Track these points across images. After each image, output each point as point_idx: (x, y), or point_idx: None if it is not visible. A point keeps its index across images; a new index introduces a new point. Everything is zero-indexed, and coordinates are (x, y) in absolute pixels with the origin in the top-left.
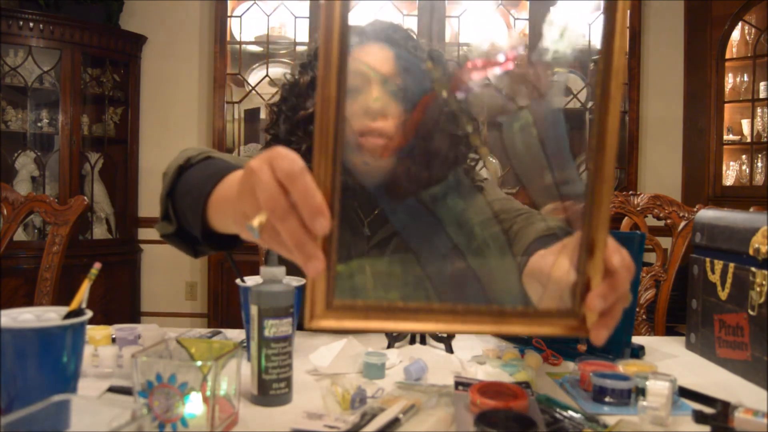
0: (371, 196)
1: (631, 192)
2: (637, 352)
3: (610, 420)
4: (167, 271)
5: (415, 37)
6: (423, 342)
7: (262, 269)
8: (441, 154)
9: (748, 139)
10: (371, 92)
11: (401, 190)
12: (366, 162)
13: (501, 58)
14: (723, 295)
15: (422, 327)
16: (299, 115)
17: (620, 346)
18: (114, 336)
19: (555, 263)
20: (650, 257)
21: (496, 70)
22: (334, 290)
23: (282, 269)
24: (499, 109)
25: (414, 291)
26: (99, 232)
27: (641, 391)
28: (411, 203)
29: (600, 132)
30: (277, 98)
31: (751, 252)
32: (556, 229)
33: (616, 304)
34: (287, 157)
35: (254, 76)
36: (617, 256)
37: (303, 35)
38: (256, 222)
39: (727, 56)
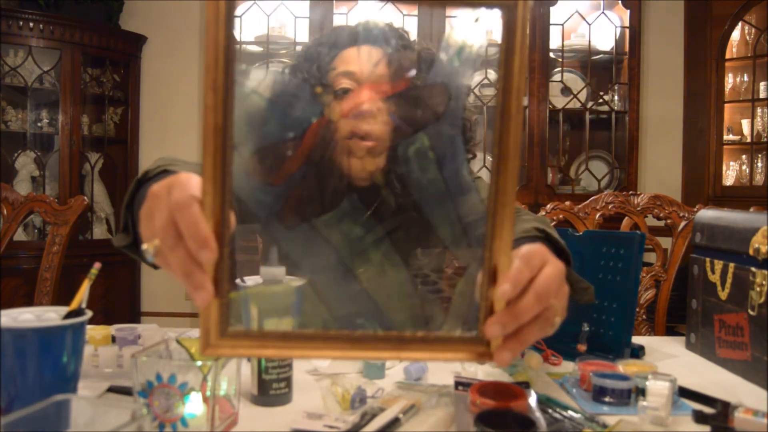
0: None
1: (631, 192)
2: (637, 352)
3: (610, 420)
4: (167, 271)
5: (406, 36)
6: None
7: (262, 269)
8: (333, 180)
9: (748, 139)
10: (359, 94)
11: (293, 217)
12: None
13: (394, 81)
14: (723, 295)
15: (319, 354)
16: None
17: (620, 346)
18: (114, 336)
19: (462, 283)
20: (650, 257)
21: (391, 94)
22: (227, 318)
23: (282, 269)
24: (394, 133)
25: (310, 317)
26: (99, 232)
27: (641, 391)
28: (303, 230)
29: (500, 153)
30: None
31: (751, 252)
32: (532, 231)
33: (525, 328)
34: (180, 186)
35: (254, 77)
36: (522, 278)
37: (303, 35)
38: (150, 247)
39: (727, 56)
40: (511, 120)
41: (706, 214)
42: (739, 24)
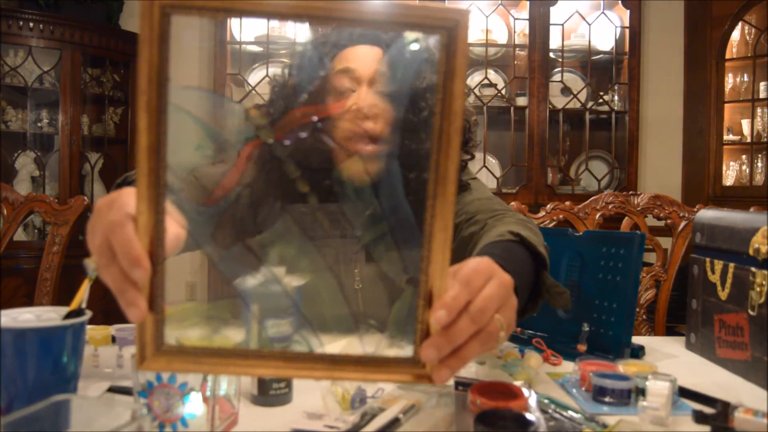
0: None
1: (631, 192)
2: (637, 352)
3: (610, 420)
4: (167, 271)
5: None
6: None
7: (263, 269)
8: (267, 203)
9: (748, 139)
10: (359, 94)
11: (228, 237)
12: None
13: (329, 105)
14: (723, 295)
15: (253, 372)
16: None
17: (620, 346)
18: (114, 336)
19: (399, 301)
20: (650, 257)
21: (325, 117)
22: (162, 334)
23: (282, 269)
24: (329, 156)
25: (246, 335)
26: None
27: (641, 391)
28: (238, 250)
29: (438, 177)
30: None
31: (751, 252)
32: (506, 234)
33: (464, 346)
34: (120, 202)
35: (254, 76)
36: (457, 304)
37: (303, 35)
38: (90, 262)
39: (727, 56)
40: (450, 144)
41: (706, 214)
42: (739, 24)
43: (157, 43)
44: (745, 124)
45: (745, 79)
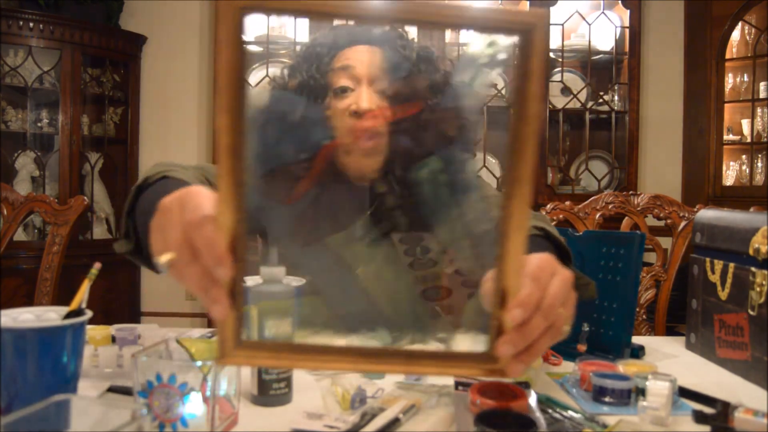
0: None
1: (631, 192)
2: (637, 352)
3: (610, 420)
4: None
5: (405, 35)
6: None
7: (262, 269)
8: (345, 203)
9: (748, 139)
10: (359, 93)
11: (305, 235)
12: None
13: (406, 105)
14: (723, 295)
15: (331, 366)
16: None
17: (620, 346)
18: (114, 336)
19: (473, 299)
20: (650, 257)
21: (404, 117)
22: (243, 330)
23: (282, 269)
24: (407, 155)
25: (322, 330)
26: (99, 232)
27: (641, 391)
28: (316, 248)
29: (514, 178)
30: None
31: (751, 252)
32: (532, 229)
33: (535, 342)
34: (193, 202)
35: (254, 76)
36: (531, 302)
37: (303, 35)
38: (164, 259)
39: (727, 56)
40: (526, 145)
41: (706, 214)
42: (739, 24)
43: (235, 44)
44: (745, 124)
45: (745, 79)
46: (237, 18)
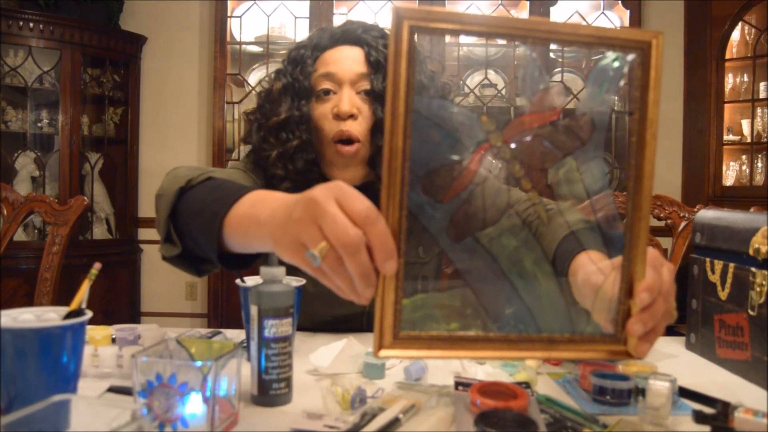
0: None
1: None
2: None
3: (610, 420)
4: (167, 271)
5: (387, 35)
6: None
7: (262, 269)
8: (495, 201)
9: (748, 139)
10: (341, 95)
11: (459, 231)
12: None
13: (550, 112)
14: (723, 295)
15: (480, 354)
16: (271, 122)
17: None
18: (114, 336)
19: (604, 286)
20: None
21: (546, 123)
22: (400, 323)
23: (282, 269)
24: (547, 156)
25: (472, 321)
26: (99, 232)
27: (641, 391)
28: (468, 243)
29: (637, 176)
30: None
31: (751, 252)
32: (578, 223)
33: (657, 325)
34: (358, 198)
35: (254, 77)
36: (656, 287)
37: (303, 35)
38: (317, 250)
39: (727, 56)
40: (646, 146)
41: (706, 214)
42: (739, 24)
43: (404, 57)
44: (745, 124)
45: (745, 79)
46: (407, 34)
